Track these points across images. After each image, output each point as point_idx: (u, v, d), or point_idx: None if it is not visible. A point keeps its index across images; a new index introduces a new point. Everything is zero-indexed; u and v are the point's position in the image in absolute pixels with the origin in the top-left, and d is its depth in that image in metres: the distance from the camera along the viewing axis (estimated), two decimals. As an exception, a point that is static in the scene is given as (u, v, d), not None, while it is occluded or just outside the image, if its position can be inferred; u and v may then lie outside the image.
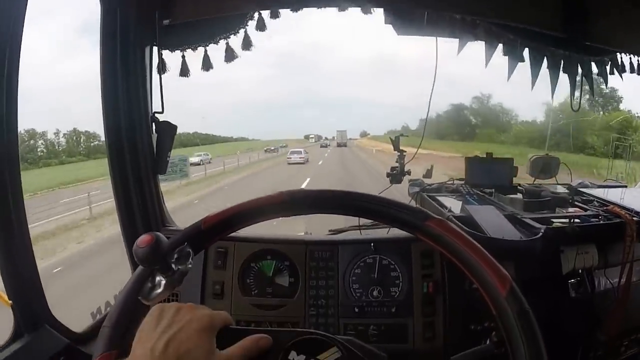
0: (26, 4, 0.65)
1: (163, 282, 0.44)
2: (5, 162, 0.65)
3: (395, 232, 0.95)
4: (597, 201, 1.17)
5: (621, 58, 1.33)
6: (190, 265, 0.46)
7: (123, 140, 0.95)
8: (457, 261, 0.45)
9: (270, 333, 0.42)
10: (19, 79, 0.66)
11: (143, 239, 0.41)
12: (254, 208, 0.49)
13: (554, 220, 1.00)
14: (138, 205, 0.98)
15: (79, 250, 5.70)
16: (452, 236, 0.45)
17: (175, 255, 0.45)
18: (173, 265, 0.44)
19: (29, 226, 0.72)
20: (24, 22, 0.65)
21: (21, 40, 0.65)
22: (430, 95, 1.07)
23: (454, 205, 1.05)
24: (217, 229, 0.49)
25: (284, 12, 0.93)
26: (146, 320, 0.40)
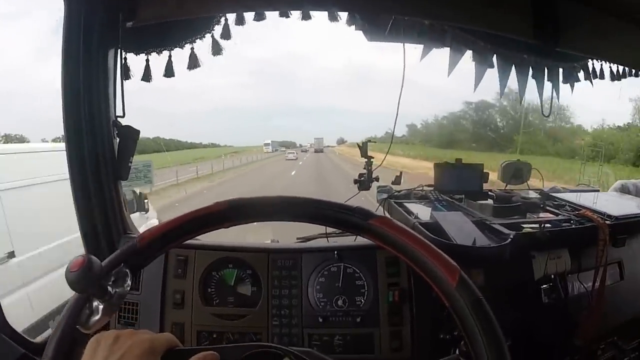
0: None
1: (101, 307, 0.42)
2: None
3: (361, 239, 0.93)
4: (569, 205, 1.17)
5: (592, 64, 1.35)
6: (128, 288, 0.43)
7: (84, 144, 0.92)
8: (405, 258, 0.43)
9: (218, 350, 0.40)
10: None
11: (75, 262, 0.39)
12: (190, 220, 0.47)
13: (524, 225, 0.99)
14: (99, 211, 0.94)
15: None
16: (397, 232, 0.44)
17: (112, 278, 0.43)
18: (110, 288, 0.42)
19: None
20: None
21: None
22: (398, 102, 1.07)
23: (422, 212, 1.04)
24: (154, 246, 0.47)
25: (251, 20, 0.92)
26: (85, 353, 0.38)
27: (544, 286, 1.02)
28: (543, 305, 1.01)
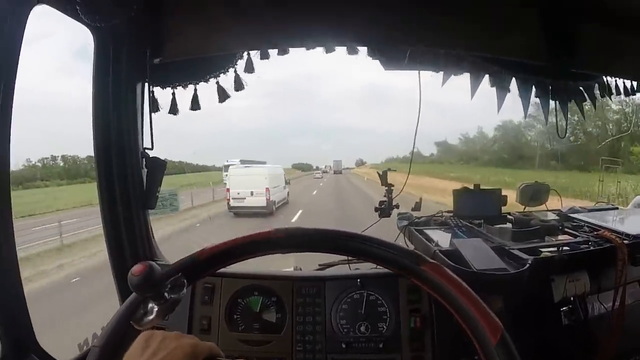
0: (23, 30, 0.66)
1: (155, 309, 0.45)
2: None
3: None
4: (587, 226, 1.17)
5: (607, 81, 1.35)
6: (183, 295, 0.47)
7: (113, 174, 0.96)
8: (450, 307, 0.45)
9: None
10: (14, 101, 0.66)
11: (137, 268, 0.43)
12: (250, 243, 0.50)
13: (542, 249, 0.99)
14: (127, 239, 0.98)
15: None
16: (446, 282, 0.45)
17: (169, 285, 0.46)
18: (166, 294, 0.45)
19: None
20: (20, 48, 0.67)
21: (17, 63, 0.66)
22: (416, 126, 1.09)
23: (441, 238, 1.05)
24: (212, 261, 0.50)
25: (275, 54, 0.96)
26: (134, 346, 0.41)
27: (564, 308, 1.02)
28: (563, 327, 1.01)
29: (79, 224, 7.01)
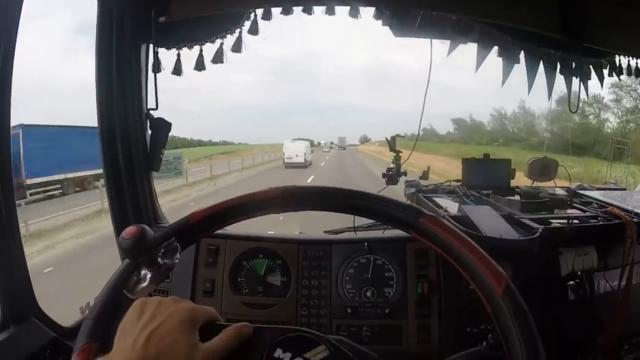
0: (21, 6, 0.65)
1: (148, 275, 0.43)
2: None
3: (390, 232, 0.93)
4: (596, 203, 1.16)
5: (619, 59, 1.33)
6: (177, 260, 0.45)
7: (117, 136, 0.95)
8: (452, 259, 0.43)
9: (257, 329, 0.41)
10: (12, 81, 0.66)
11: (128, 230, 0.41)
12: (244, 203, 0.48)
13: (552, 220, 0.98)
14: (131, 201, 0.97)
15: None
16: (447, 233, 0.43)
17: (162, 250, 0.44)
18: (159, 259, 0.43)
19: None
20: (18, 23, 0.65)
21: (15, 41, 0.65)
22: (424, 99, 1.07)
23: (450, 206, 1.03)
24: (205, 224, 0.48)
25: (280, 17, 0.93)
26: (128, 314, 0.39)
27: (571, 283, 1.00)
28: (569, 302, 1.00)
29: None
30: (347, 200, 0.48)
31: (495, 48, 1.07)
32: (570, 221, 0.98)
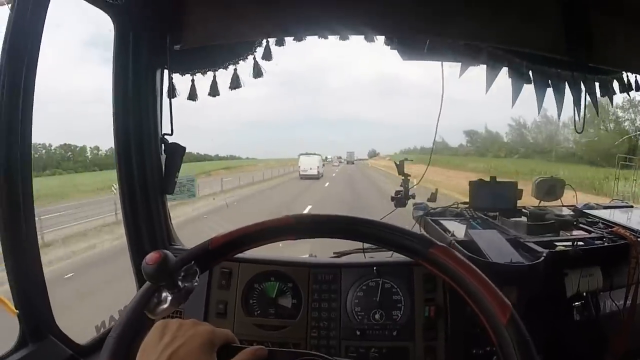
0: (44, 18, 0.67)
1: (169, 298, 0.46)
2: (19, 169, 0.66)
3: (398, 255, 0.95)
4: (602, 223, 1.17)
5: (627, 77, 1.34)
6: (196, 284, 0.47)
7: (133, 159, 0.97)
8: (459, 288, 0.45)
9: (270, 353, 0.43)
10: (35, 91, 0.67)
11: (152, 256, 0.43)
12: (260, 230, 0.50)
13: (557, 243, 0.99)
14: (145, 223, 1.00)
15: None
16: (455, 264, 0.45)
17: (182, 274, 0.47)
18: (180, 283, 0.46)
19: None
20: (41, 36, 0.67)
21: (38, 53, 0.67)
22: (438, 119, 1.09)
23: (457, 229, 1.05)
24: (223, 250, 0.50)
25: (291, 41, 0.96)
26: (150, 334, 0.41)
27: (576, 304, 1.02)
28: (574, 322, 1.02)
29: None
30: (358, 228, 0.50)
31: (505, 69, 1.08)
32: (576, 243, 0.99)
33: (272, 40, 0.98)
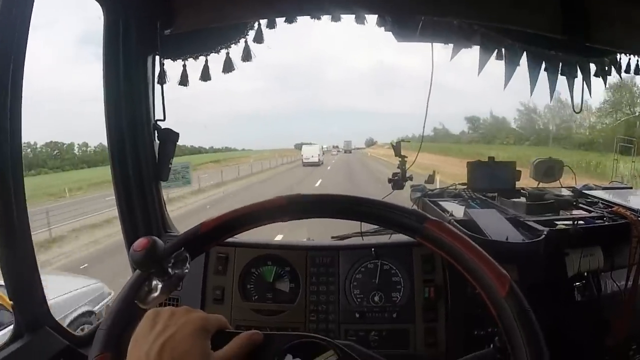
0: (30, 13, 0.66)
1: (160, 286, 0.44)
2: (9, 167, 0.66)
3: (397, 237, 0.94)
4: (601, 203, 1.16)
5: (620, 58, 1.33)
6: (187, 270, 0.46)
7: (125, 147, 0.96)
8: (456, 263, 0.44)
9: (267, 336, 0.42)
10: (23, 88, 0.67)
11: (139, 242, 0.42)
12: (252, 212, 0.49)
13: (557, 222, 0.98)
14: (140, 211, 0.98)
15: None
16: (450, 237, 0.44)
17: (172, 260, 0.45)
18: (170, 270, 0.44)
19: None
20: (28, 32, 0.66)
21: (25, 49, 0.66)
22: (427, 103, 1.08)
23: (456, 209, 1.04)
24: (214, 234, 0.49)
25: (283, 24, 0.95)
26: (141, 324, 0.40)
27: (577, 284, 1.01)
28: (576, 303, 1.01)
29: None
30: (352, 207, 0.49)
31: (496, 51, 1.07)
32: (576, 222, 0.98)
33: (263, 23, 0.97)
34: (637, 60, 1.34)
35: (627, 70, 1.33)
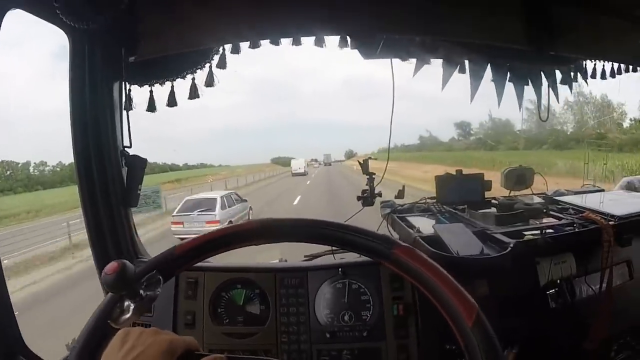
0: None
1: (132, 307, 0.46)
2: None
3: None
4: (572, 209, 1.17)
5: (586, 64, 1.35)
6: (159, 292, 0.47)
7: (94, 173, 0.96)
8: (424, 289, 0.44)
9: (232, 359, 0.43)
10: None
11: (110, 266, 0.43)
12: (225, 236, 0.50)
13: (525, 232, 0.99)
14: (110, 237, 0.98)
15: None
16: (419, 264, 0.45)
17: (145, 283, 0.47)
18: (142, 292, 0.46)
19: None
20: None
21: None
22: (391, 117, 1.09)
23: (424, 225, 1.04)
24: (186, 257, 0.50)
25: (246, 48, 0.96)
26: (111, 343, 0.42)
27: (550, 291, 1.01)
28: (550, 310, 1.01)
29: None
30: (322, 231, 0.50)
31: (460, 65, 1.09)
32: (544, 231, 0.99)
33: (228, 48, 0.98)
34: (603, 65, 1.37)
35: (594, 76, 1.36)
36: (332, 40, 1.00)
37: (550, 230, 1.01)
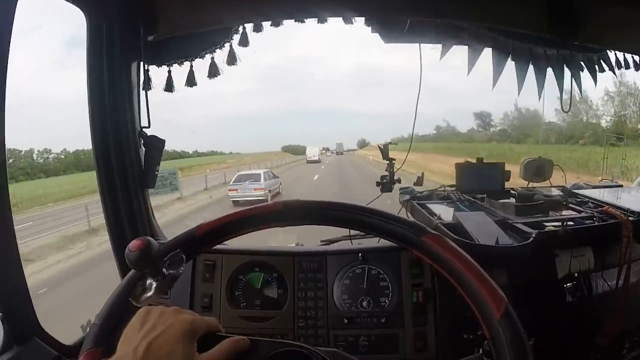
0: (12, 20, 0.65)
1: (154, 285, 0.45)
2: None
3: (385, 241, 0.94)
4: (591, 202, 1.16)
5: (615, 54, 1.32)
6: (181, 271, 0.47)
7: (111, 155, 0.95)
8: (452, 278, 0.44)
9: (253, 343, 0.42)
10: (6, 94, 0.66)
11: (134, 243, 0.43)
12: (248, 217, 0.50)
13: (546, 224, 0.98)
14: (127, 218, 0.98)
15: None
16: (449, 254, 0.44)
17: (167, 261, 0.46)
18: (164, 270, 0.45)
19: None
20: (9, 37, 0.65)
21: (8, 54, 0.65)
22: (417, 103, 1.07)
23: (444, 212, 1.04)
24: (210, 237, 0.49)
25: (269, 27, 0.94)
26: (132, 321, 0.41)
27: (568, 285, 1.00)
28: (567, 303, 1.01)
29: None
30: (349, 215, 0.49)
31: (484, 51, 1.07)
32: (565, 223, 0.98)
33: (249, 27, 0.96)
34: (632, 57, 1.33)
35: (619, 66, 1.33)
36: (345, 26, 0.97)
37: (571, 223, 1.00)
